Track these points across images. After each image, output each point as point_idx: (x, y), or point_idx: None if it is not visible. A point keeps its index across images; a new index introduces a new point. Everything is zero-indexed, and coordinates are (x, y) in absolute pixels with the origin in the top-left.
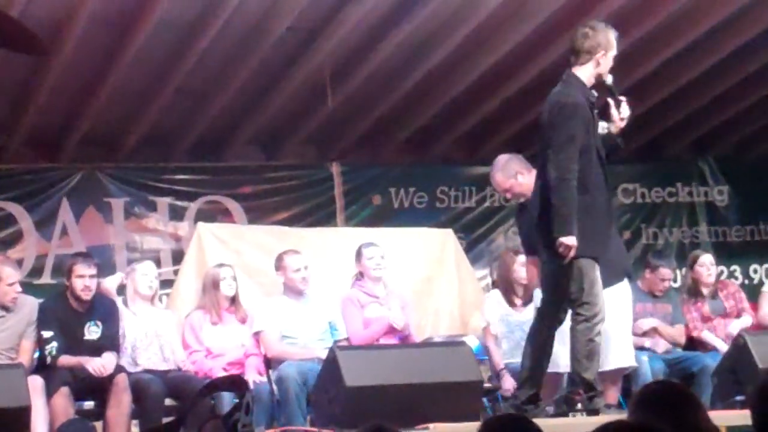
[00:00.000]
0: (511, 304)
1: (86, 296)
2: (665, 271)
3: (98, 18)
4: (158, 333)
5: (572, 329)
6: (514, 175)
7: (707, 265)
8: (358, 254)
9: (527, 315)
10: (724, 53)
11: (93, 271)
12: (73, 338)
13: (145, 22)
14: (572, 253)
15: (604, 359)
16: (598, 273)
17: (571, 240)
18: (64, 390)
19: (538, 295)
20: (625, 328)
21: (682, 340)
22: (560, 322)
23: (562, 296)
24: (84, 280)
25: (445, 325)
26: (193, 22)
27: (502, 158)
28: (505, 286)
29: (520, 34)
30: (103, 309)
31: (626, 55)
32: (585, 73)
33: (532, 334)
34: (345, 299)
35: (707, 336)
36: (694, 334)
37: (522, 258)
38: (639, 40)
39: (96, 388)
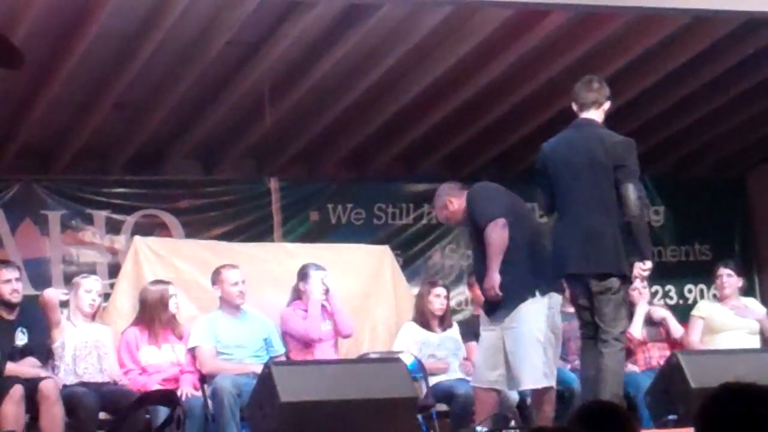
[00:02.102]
0: (430, 329)
1: (15, 299)
2: None
3: (37, 29)
4: (97, 345)
5: (603, 353)
6: (445, 205)
7: (639, 288)
8: (305, 274)
9: (448, 334)
10: (661, 74)
11: (17, 274)
12: (4, 345)
13: (84, 34)
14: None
15: (518, 379)
16: None
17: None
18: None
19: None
20: (537, 346)
21: None
22: None
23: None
24: (11, 284)
25: (382, 342)
26: (132, 36)
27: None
28: (421, 316)
29: (459, 52)
30: (30, 317)
31: (562, 76)
32: (600, 118)
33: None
34: (283, 314)
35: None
36: None
37: (437, 290)
38: (575, 62)
39: (29, 400)
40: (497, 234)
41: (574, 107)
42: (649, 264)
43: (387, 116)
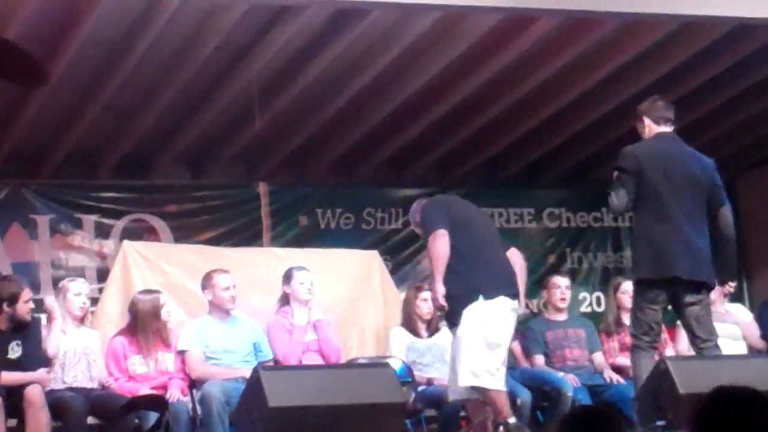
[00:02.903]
0: (417, 334)
1: (29, 318)
2: (555, 280)
3: (27, 33)
4: (86, 351)
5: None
6: (416, 222)
7: (629, 292)
8: (288, 277)
9: (434, 340)
10: (648, 81)
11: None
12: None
13: (73, 39)
14: None
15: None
16: None
17: None
18: None
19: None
20: (471, 347)
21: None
22: None
23: None
24: (29, 304)
25: (370, 347)
26: (121, 40)
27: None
28: (408, 320)
29: (448, 57)
30: (24, 328)
31: (550, 82)
32: None
33: None
34: (270, 324)
35: (622, 361)
36: (610, 361)
37: (424, 294)
38: (563, 67)
39: (15, 407)
40: (435, 246)
41: (647, 121)
42: (734, 283)
43: (376, 121)
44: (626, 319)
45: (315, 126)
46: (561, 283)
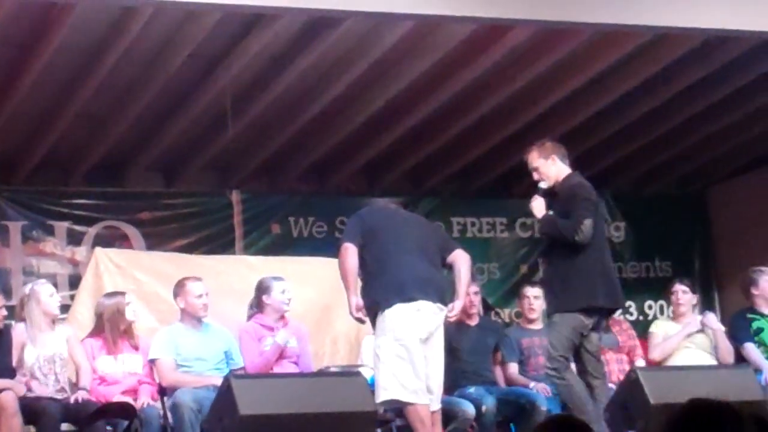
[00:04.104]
0: None
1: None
2: (526, 290)
3: (0, 40)
4: (54, 358)
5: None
6: None
7: None
8: (267, 287)
9: None
10: (621, 91)
11: (3, 301)
12: None
13: (47, 46)
14: None
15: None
16: None
17: None
18: None
19: None
20: (378, 362)
21: None
22: None
23: None
24: (2, 311)
25: (342, 355)
26: (95, 47)
27: None
28: None
29: (422, 66)
30: None
31: (523, 92)
32: None
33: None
34: (242, 331)
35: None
36: None
37: None
38: (537, 77)
39: None
40: (340, 260)
41: (557, 160)
42: None
43: (349, 130)
44: None
45: (288, 134)
46: (530, 293)
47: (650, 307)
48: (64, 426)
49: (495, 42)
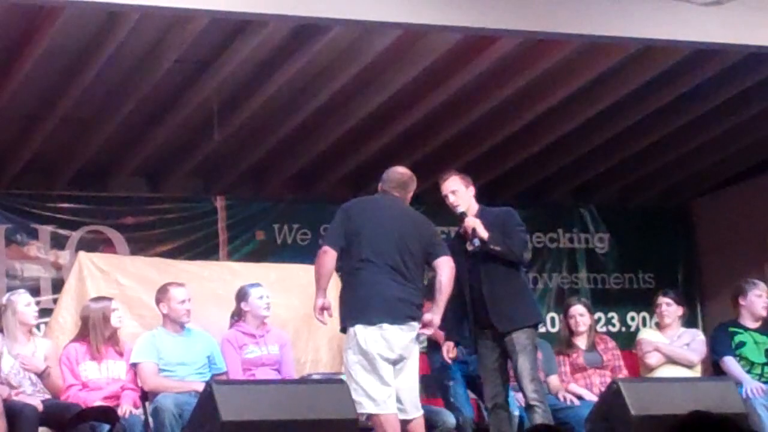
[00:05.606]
0: None
1: None
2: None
3: None
4: (32, 368)
5: None
6: None
7: (576, 316)
8: (245, 294)
9: None
10: (606, 103)
11: None
12: None
13: (33, 49)
14: None
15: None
16: None
17: None
18: None
19: None
20: (353, 372)
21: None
22: None
23: None
24: None
25: (324, 362)
26: (81, 52)
27: None
28: None
29: (408, 75)
30: None
31: (510, 101)
32: None
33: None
34: (224, 339)
35: (574, 388)
36: (563, 386)
37: None
38: (522, 87)
39: None
40: (317, 262)
41: (472, 190)
42: None
43: (335, 137)
44: (577, 340)
45: (273, 141)
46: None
47: (633, 319)
48: (43, 430)
49: (481, 52)
